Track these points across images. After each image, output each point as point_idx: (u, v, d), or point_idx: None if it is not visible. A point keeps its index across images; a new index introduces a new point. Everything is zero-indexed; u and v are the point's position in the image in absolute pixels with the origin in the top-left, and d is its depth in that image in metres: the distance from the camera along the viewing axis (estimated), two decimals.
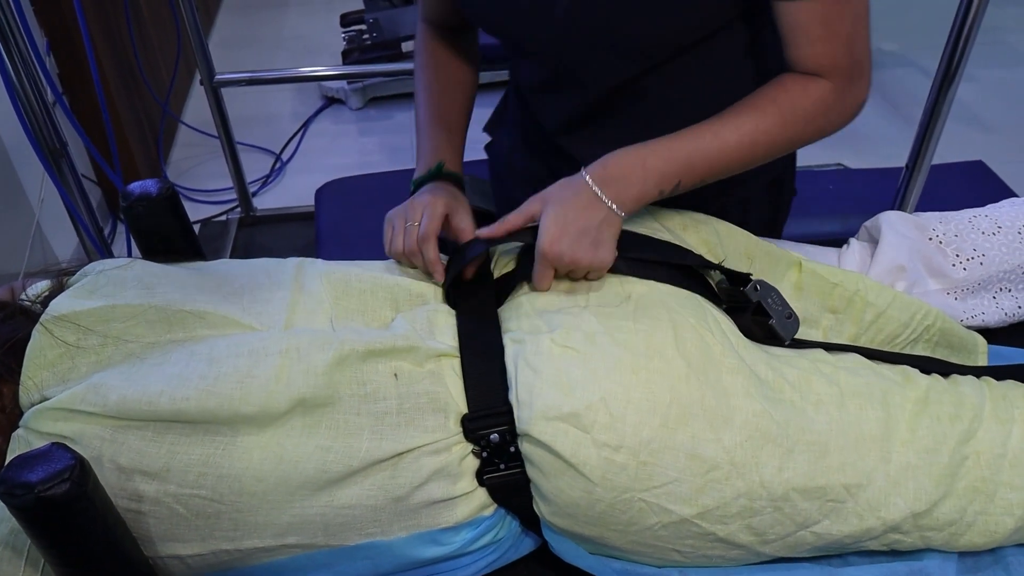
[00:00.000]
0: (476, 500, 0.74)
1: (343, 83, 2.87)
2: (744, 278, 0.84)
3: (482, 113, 1.21)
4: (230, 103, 2.08)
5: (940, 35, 3.27)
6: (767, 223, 1.06)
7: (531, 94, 1.02)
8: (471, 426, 0.73)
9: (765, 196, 1.04)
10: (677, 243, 0.87)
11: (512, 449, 0.73)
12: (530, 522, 0.77)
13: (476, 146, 2.60)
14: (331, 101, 2.94)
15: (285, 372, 0.70)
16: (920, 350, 0.90)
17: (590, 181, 0.79)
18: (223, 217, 2.33)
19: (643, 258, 0.83)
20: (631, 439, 0.69)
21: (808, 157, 2.56)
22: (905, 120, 2.73)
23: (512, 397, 0.72)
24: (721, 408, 0.71)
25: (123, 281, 0.78)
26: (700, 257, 0.85)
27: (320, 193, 1.86)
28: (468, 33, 1.05)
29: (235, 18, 3.58)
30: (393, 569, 0.74)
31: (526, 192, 0.85)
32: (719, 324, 0.77)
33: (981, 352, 0.93)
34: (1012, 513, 0.75)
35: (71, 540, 0.63)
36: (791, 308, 0.82)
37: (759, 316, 0.81)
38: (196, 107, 2.87)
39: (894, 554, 0.77)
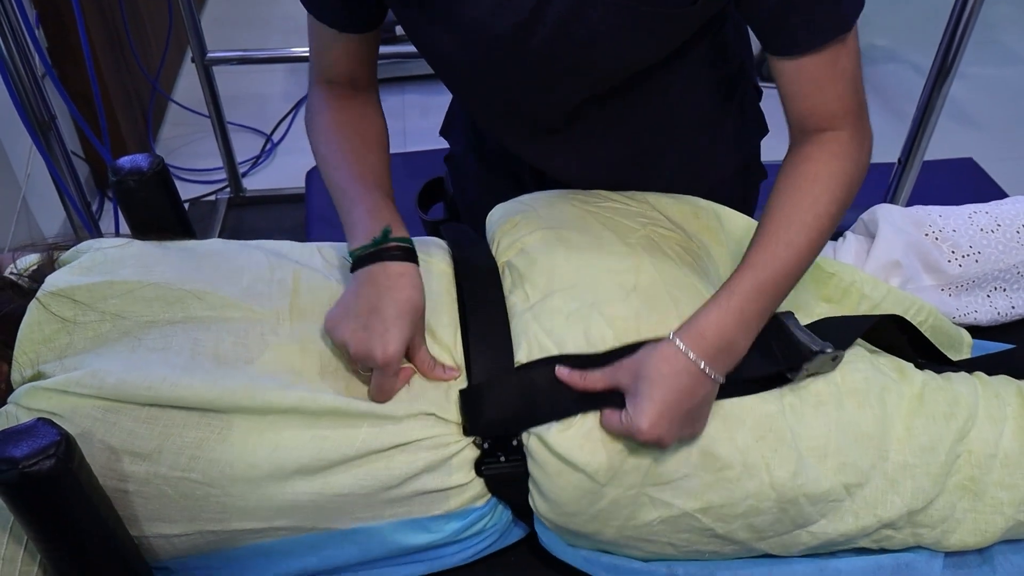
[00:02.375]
0: (470, 491, 0.73)
1: None
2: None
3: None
4: (221, 83, 2.06)
5: (931, 31, 3.27)
6: (738, 208, 1.03)
7: (483, 118, 0.95)
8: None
9: (735, 180, 1.00)
10: (700, 248, 0.86)
11: (515, 443, 0.72)
12: (522, 512, 0.76)
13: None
14: None
15: (291, 386, 0.70)
16: None
17: (694, 358, 0.68)
18: (212, 197, 2.31)
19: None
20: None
21: None
22: (896, 116, 2.73)
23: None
24: (735, 408, 0.71)
25: (121, 259, 0.77)
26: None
27: (311, 175, 1.84)
28: (373, 90, 0.92)
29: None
30: (380, 554, 0.74)
31: (488, 201, 0.81)
32: None
33: (966, 347, 0.93)
34: (1002, 512, 0.75)
35: (55, 517, 0.62)
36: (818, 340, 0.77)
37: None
38: (187, 86, 2.84)
39: (883, 549, 0.78)
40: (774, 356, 0.74)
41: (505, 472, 0.73)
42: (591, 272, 0.78)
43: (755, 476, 0.71)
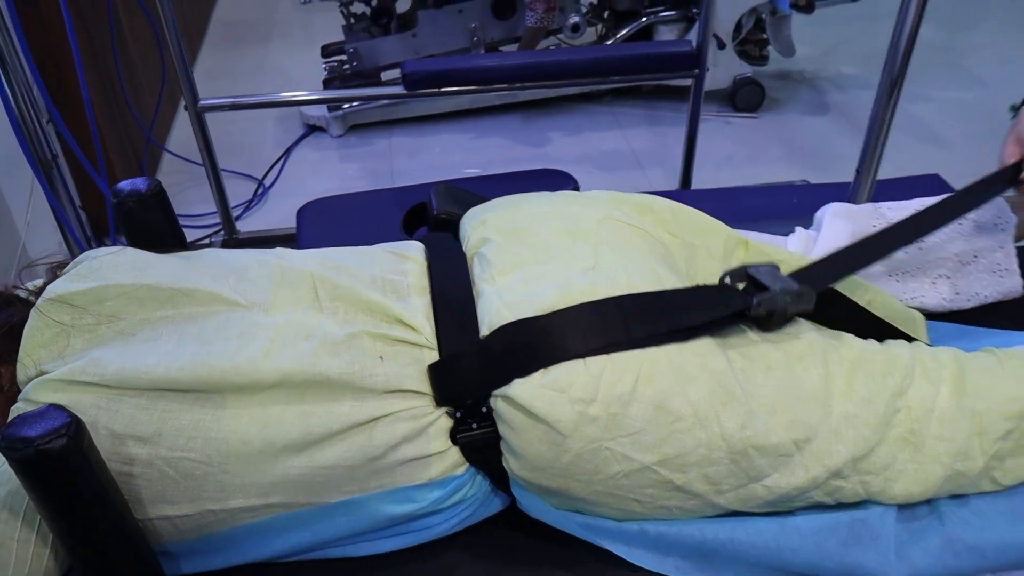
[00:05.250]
0: (449, 459, 0.78)
1: (324, 111, 2.94)
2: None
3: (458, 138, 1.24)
4: (214, 133, 2.14)
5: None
6: None
7: None
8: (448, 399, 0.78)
9: None
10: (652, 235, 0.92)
11: (484, 410, 0.78)
12: (499, 481, 0.81)
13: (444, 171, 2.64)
14: (313, 129, 3.01)
15: (273, 352, 0.76)
16: None
17: None
18: (207, 240, 2.38)
19: None
20: (604, 393, 0.74)
21: (775, 175, 2.66)
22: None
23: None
24: (687, 366, 0.77)
25: (115, 265, 0.83)
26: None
27: (302, 212, 1.91)
28: None
29: (217, 52, 3.66)
30: (368, 527, 0.79)
31: None
32: None
33: (920, 325, 0.99)
34: (940, 462, 0.81)
35: (67, 494, 0.67)
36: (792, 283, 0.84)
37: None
38: (179, 136, 2.93)
39: (839, 506, 0.83)
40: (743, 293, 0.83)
41: (478, 438, 0.78)
42: (553, 254, 0.84)
43: (706, 427, 0.75)
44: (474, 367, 0.77)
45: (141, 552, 0.74)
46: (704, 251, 0.94)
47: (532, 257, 0.84)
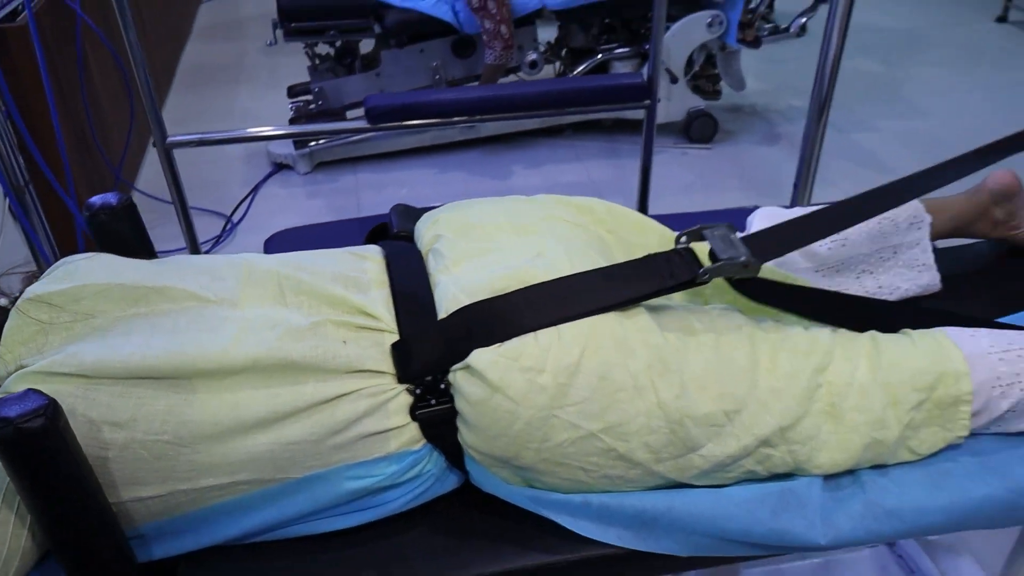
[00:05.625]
0: (407, 434, 0.84)
1: (291, 149, 3.02)
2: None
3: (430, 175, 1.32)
4: (183, 174, 2.19)
5: (844, 93, 3.56)
6: None
7: None
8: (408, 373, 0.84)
9: None
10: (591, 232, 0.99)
11: (442, 386, 0.84)
12: (454, 458, 0.87)
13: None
14: (280, 167, 3.08)
15: (241, 340, 0.81)
16: (790, 315, 1.04)
17: None
18: None
19: None
20: (552, 364, 0.81)
21: (729, 201, 2.76)
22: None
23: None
24: (629, 340, 0.83)
25: (91, 268, 0.89)
26: None
27: (269, 242, 1.96)
28: None
29: (186, 96, 3.74)
30: (329, 502, 0.84)
31: None
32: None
33: None
34: (859, 431, 0.87)
35: (44, 474, 0.72)
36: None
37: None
38: (148, 175, 2.99)
39: (769, 477, 0.89)
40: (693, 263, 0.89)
41: (436, 414, 0.84)
42: (501, 245, 0.91)
43: (645, 397, 0.82)
44: (435, 345, 0.83)
45: (114, 535, 0.79)
46: (640, 248, 1.01)
47: (481, 248, 0.91)
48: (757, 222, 1.13)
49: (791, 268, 1.10)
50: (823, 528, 0.86)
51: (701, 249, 0.92)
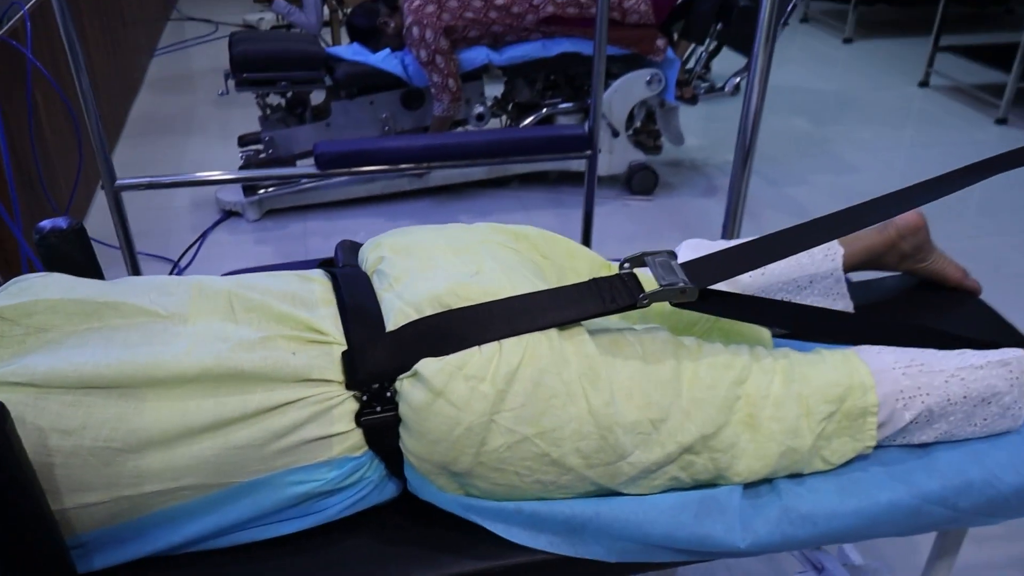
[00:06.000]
0: (349, 440, 0.87)
1: (240, 197, 3.05)
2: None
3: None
4: (131, 220, 2.21)
5: (777, 149, 3.71)
6: None
7: None
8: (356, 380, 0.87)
9: None
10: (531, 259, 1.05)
11: (388, 394, 0.87)
12: (394, 466, 0.90)
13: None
14: (229, 214, 3.10)
15: (193, 351, 0.85)
16: (716, 338, 1.10)
17: None
18: None
19: None
20: (493, 373, 0.85)
21: (669, 248, 2.85)
22: (747, 216, 3.08)
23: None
24: (564, 351, 0.89)
25: (45, 285, 0.91)
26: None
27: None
28: None
29: (136, 145, 3.75)
30: (271, 507, 0.86)
31: None
32: None
33: (767, 341, 1.14)
34: (775, 439, 0.94)
35: None
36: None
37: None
38: (96, 221, 2.99)
39: (694, 486, 0.94)
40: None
41: (380, 420, 0.87)
42: (441, 263, 0.96)
43: (576, 403, 0.87)
44: (385, 354, 0.88)
45: (54, 542, 0.80)
46: (571, 271, 1.08)
47: (422, 266, 0.97)
48: (683, 251, 1.20)
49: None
50: (742, 532, 0.91)
51: (641, 274, 0.98)
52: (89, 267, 1.05)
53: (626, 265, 1.00)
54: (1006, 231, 3.01)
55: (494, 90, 3.36)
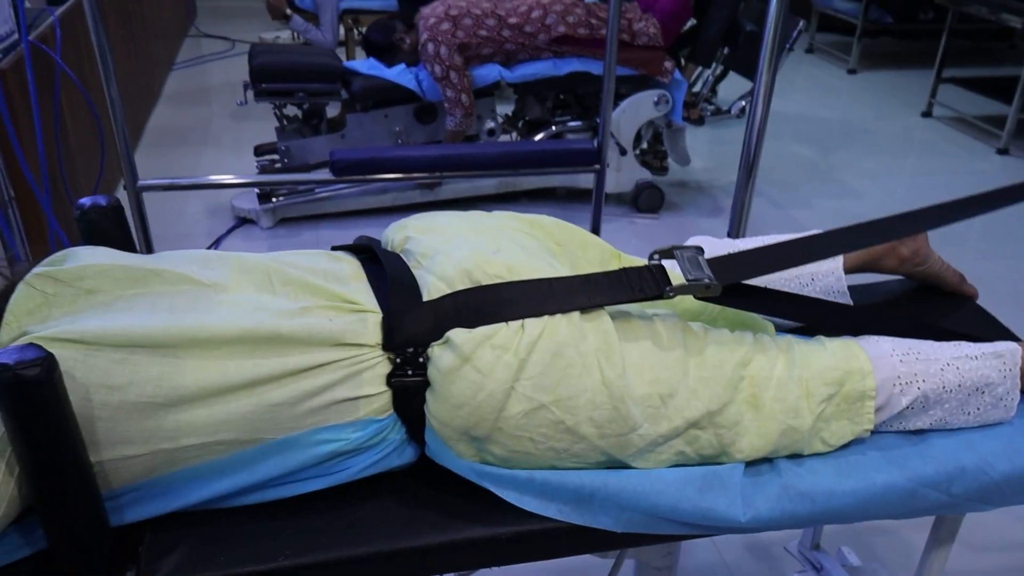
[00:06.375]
0: (375, 403, 0.92)
1: (255, 204, 3.11)
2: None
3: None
4: (151, 226, 2.27)
5: (783, 173, 3.77)
6: None
7: None
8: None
9: None
10: (542, 244, 1.10)
11: (420, 360, 0.92)
12: (415, 431, 0.95)
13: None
14: (243, 221, 3.17)
15: (235, 317, 0.90)
16: (721, 325, 1.15)
17: None
18: None
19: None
20: (517, 344, 0.90)
21: None
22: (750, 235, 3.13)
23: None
24: (584, 326, 0.94)
25: (93, 253, 0.97)
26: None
27: None
28: None
29: (152, 156, 3.83)
30: (296, 465, 0.90)
31: None
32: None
33: (770, 330, 1.18)
34: (776, 418, 0.98)
35: (36, 423, 0.78)
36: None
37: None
38: None
39: (698, 461, 0.99)
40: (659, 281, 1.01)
41: (409, 384, 0.92)
42: (464, 241, 1.02)
43: (591, 374, 0.91)
44: (423, 321, 0.93)
45: (90, 492, 0.84)
46: (584, 260, 1.13)
47: (446, 242, 1.02)
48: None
49: None
50: (744, 507, 0.96)
51: (669, 266, 1.04)
52: (126, 243, 1.10)
53: (655, 256, 1.05)
54: (1006, 254, 3.06)
55: (505, 110, 3.44)
